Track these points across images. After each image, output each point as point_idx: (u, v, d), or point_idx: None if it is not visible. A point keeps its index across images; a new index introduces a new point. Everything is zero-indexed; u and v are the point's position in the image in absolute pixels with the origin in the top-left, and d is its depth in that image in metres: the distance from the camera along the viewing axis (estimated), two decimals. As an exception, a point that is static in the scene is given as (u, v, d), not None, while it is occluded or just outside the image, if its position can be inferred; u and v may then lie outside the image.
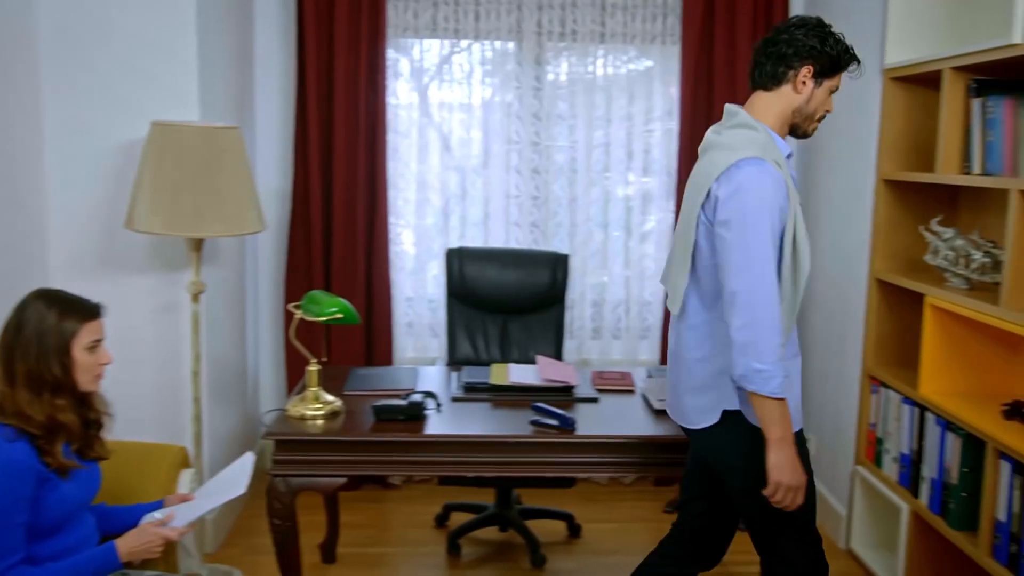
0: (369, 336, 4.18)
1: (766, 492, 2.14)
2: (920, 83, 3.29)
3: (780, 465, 2.11)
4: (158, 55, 3.27)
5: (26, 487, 1.98)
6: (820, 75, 2.22)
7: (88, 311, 2.11)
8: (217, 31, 3.54)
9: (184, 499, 2.33)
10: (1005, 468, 2.60)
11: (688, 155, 4.12)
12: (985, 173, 2.82)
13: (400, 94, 4.20)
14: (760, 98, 2.26)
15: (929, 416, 3.01)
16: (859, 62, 2.27)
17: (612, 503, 4.11)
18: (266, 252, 4.28)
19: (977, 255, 2.90)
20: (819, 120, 2.29)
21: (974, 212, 3.23)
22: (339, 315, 2.80)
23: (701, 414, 2.30)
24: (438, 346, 4.28)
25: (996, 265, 2.87)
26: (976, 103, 2.84)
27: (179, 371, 3.40)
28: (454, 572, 3.49)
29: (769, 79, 2.24)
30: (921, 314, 3.11)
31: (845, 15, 3.74)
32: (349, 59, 4.01)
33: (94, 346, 2.10)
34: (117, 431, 2.32)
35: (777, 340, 2.08)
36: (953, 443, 2.87)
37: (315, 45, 3.98)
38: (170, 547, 2.45)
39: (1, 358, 2.04)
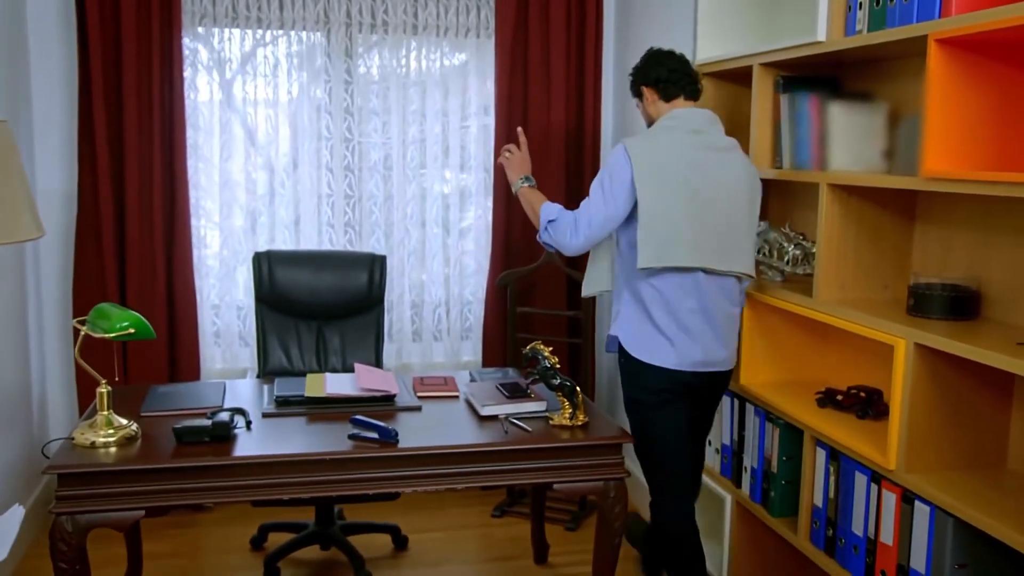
0: (172, 349, 3.86)
1: None
2: (732, 79, 3.34)
3: None
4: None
5: None
6: None
7: None
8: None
9: None
10: (821, 455, 2.66)
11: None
12: (795, 167, 2.88)
13: (201, 88, 3.90)
14: (695, 106, 2.84)
15: (749, 407, 3.06)
16: None
17: (438, 511, 3.98)
18: (50, 261, 3.87)
19: (789, 248, 2.96)
20: None
21: (782, 205, 3.30)
22: (131, 330, 2.52)
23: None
24: (249, 356, 4.01)
25: (807, 257, 2.94)
26: (784, 99, 2.89)
27: (-55, 399, 3.01)
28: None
29: (698, 94, 2.84)
30: (737, 307, 3.15)
31: (656, 12, 3.76)
32: (140, 48, 3.68)
33: None
34: None
35: None
36: (772, 433, 2.91)
37: (99, 32, 3.63)
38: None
39: None
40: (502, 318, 4.08)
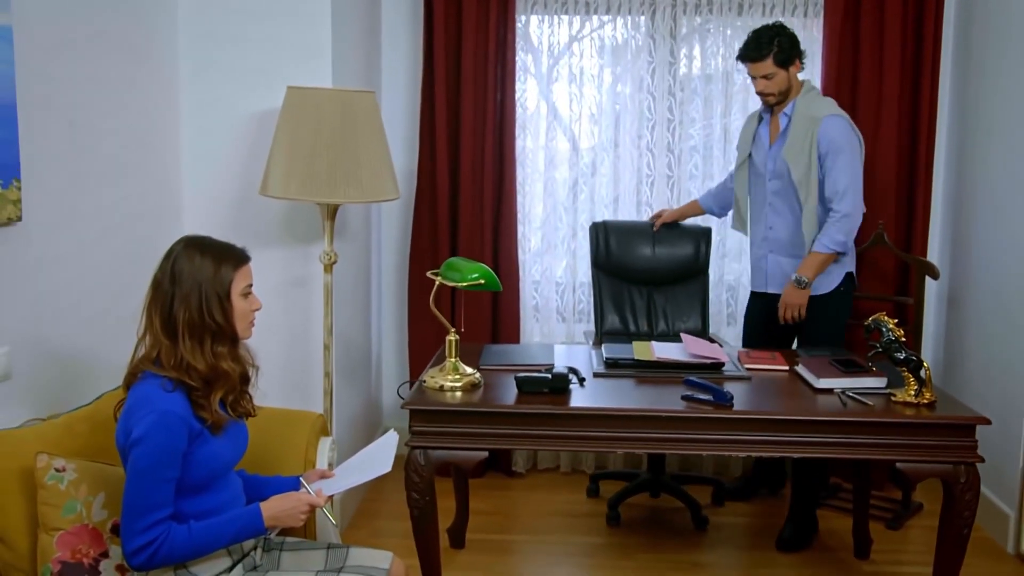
0: (495, 321, 4.06)
1: None
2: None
3: None
4: (293, 21, 3.21)
5: (180, 440, 1.90)
6: None
7: (240, 256, 2.06)
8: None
9: (323, 475, 2.23)
10: None
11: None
12: None
13: (529, 69, 4.09)
14: None
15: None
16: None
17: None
18: (390, 234, 4.21)
19: None
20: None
21: None
22: (481, 280, 2.67)
23: None
24: (565, 332, 4.14)
25: None
26: None
27: (309, 345, 3.33)
28: (613, 539, 3.47)
29: None
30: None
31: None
32: (478, 34, 3.91)
33: (247, 292, 2.05)
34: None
35: None
36: None
37: (443, 19, 3.89)
38: (311, 518, 2.36)
39: (159, 310, 1.97)
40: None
